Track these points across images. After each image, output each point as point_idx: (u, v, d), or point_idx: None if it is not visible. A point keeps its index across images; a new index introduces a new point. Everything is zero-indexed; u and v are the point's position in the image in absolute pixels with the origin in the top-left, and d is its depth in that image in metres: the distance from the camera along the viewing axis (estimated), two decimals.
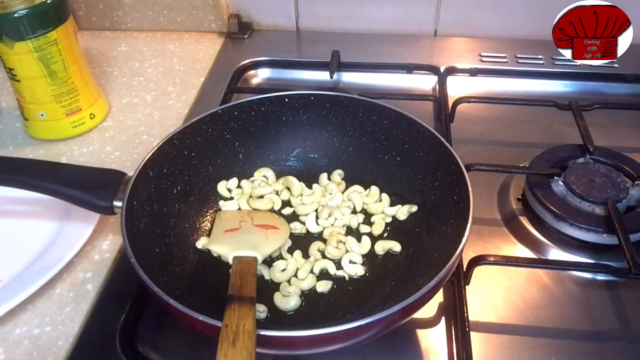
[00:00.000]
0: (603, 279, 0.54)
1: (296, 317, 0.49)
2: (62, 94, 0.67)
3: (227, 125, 0.60)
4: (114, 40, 0.91)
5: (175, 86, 0.80)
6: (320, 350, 0.41)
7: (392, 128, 0.59)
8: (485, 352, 0.48)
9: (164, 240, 0.52)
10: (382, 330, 0.43)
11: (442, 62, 0.83)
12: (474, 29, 0.89)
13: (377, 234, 0.56)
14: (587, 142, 0.64)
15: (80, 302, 0.51)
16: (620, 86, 0.80)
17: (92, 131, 0.72)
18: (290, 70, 0.85)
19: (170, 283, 0.48)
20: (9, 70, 0.65)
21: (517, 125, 0.74)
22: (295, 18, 0.92)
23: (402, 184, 0.58)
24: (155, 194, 0.53)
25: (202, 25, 0.92)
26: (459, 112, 0.73)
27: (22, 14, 0.59)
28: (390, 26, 0.90)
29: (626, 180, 0.59)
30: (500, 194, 0.64)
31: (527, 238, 0.58)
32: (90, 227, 0.55)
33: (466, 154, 0.66)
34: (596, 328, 0.50)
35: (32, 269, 0.52)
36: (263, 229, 0.53)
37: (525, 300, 0.52)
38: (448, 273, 0.43)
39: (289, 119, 0.62)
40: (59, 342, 0.48)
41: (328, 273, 0.52)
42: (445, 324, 0.50)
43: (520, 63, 0.83)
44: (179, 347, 0.49)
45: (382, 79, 0.82)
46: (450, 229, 0.49)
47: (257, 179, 0.61)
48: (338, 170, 0.62)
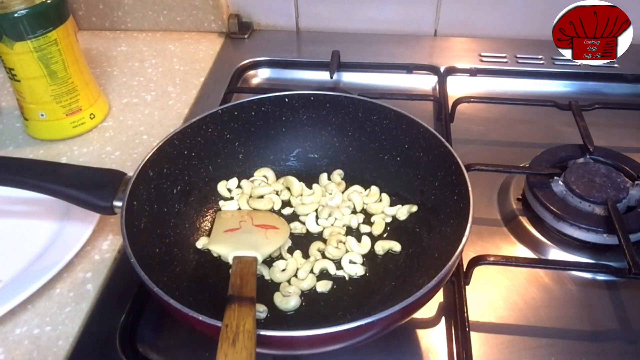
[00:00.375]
0: (603, 279, 0.54)
1: (296, 317, 0.49)
2: (62, 94, 0.67)
3: (227, 125, 0.60)
4: (114, 40, 0.91)
5: (175, 86, 0.80)
6: (320, 350, 0.41)
7: (392, 128, 0.59)
8: (485, 352, 0.48)
9: (164, 240, 0.52)
10: (382, 330, 0.43)
11: (442, 62, 0.83)
12: (474, 29, 0.89)
13: (377, 234, 0.56)
14: (587, 142, 0.64)
15: (80, 302, 0.51)
16: (620, 86, 0.80)
17: (92, 131, 0.72)
18: (290, 70, 0.85)
19: (170, 283, 0.48)
20: (9, 70, 0.65)
21: (517, 125, 0.74)
22: (295, 18, 0.92)
23: (402, 184, 0.58)
24: (155, 194, 0.53)
25: (202, 25, 0.92)
26: (459, 112, 0.73)
27: (22, 14, 0.59)
28: (390, 26, 0.90)
29: (626, 180, 0.59)
30: (500, 194, 0.64)
31: (527, 238, 0.58)
32: (90, 227, 0.55)
33: (466, 154, 0.66)
34: (596, 328, 0.50)
35: (32, 269, 0.52)
36: (263, 229, 0.53)
37: (525, 300, 0.52)
38: (448, 273, 0.43)
39: (289, 119, 0.62)
40: (59, 342, 0.48)
41: (328, 273, 0.52)
42: (445, 324, 0.50)
43: (520, 63, 0.83)
44: (179, 347, 0.49)
45: (382, 79, 0.82)
46: (450, 229, 0.49)
47: (257, 179, 0.61)
48: (338, 170, 0.62)
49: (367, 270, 0.53)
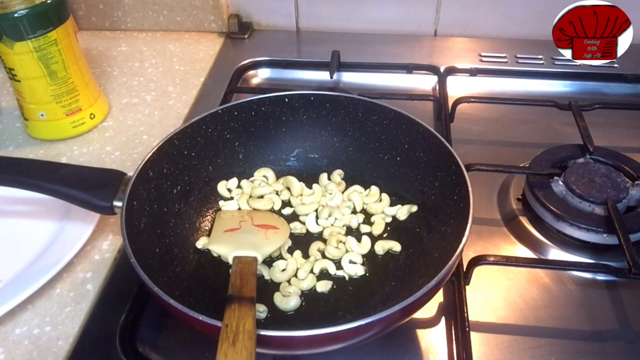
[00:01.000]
0: (603, 279, 0.54)
1: (296, 317, 0.49)
2: (62, 94, 0.67)
3: (227, 125, 0.60)
4: (114, 40, 0.91)
5: (175, 86, 0.80)
6: (320, 350, 0.41)
7: (392, 128, 0.59)
8: (485, 352, 0.48)
9: (164, 240, 0.52)
10: (382, 330, 0.43)
11: (442, 62, 0.83)
12: (474, 29, 0.89)
13: (377, 234, 0.56)
14: (587, 142, 0.64)
15: (80, 302, 0.51)
16: (620, 86, 0.80)
17: (92, 131, 0.72)
18: (290, 70, 0.85)
19: (170, 283, 0.48)
20: (9, 70, 0.65)
21: (517, 125, 0.74)
22: (295, 18, 0.92)
23: (402, 184, 0.58)
24: (155, 194, 0.53)
25: (202, 25, 0.92)
26: (459, 112, 0.73)
27: (22, 14, 0.59)
28: (390, 26, 0.90)
29: (626, 180, 0.59)
30: (500, 194, 0.64)
31: (527, 238, 0.58)
32: (90, 227, 0.55)
33: (466, 154, 0.66)
34: (596, 328, 0.50)
35: (32, 269, 0.52)
36: (263, 229, 0.53)
37: (525, 300, 0.52)
38: (448, 273, 0.43)
39: (289, 119, 0.62)
40: (59, 342, 0.48)
41: (328, 273, 0.52)
42: (445, 324, 0.50)
43: (520, 63, 0.83)
44: (179, 347, 0.49)
45: (382, 79, 0.82)
46: (450, 229, 0.49)
47: (257, 179, 0.61)
48: (338, 170, 0.62)
49: (367, 270, 0.53)
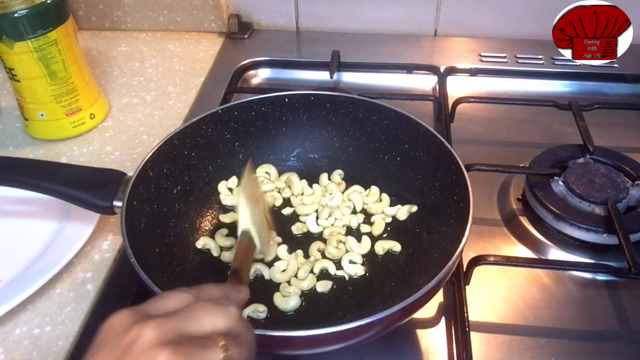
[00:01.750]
0: (603, 279, 0.54)
1: (296, 317, 0.49)
2: (62, 94, 0.67)
3: (227, 125, 0.60)
4: (114, 40, 0.91)
5: (175, 86, 0.80)
6: (320, 350, 0.41)
7: (392, 128, 0.59)
8: (485, 352, 0.48)
9: (164, 240, 0.52)
10: (382, 330, 0.43)
11: (442, 62, 0.83)
12: (474, 29, 0.89)
13: (377, 234, 0.56)
14: (587, 142, 0.64)
15: (80, 302, 0.51)
16: (620, 86, 0.80)
17: (92, 131, 0.72)
18: (290, 70, 0.85)
19: (170, 283, 0.48)
20: (9, 70, 0.65)
21: (517, 125, 0.74)
22: (295, 18, 0.92)
23: (402, 184, 0.58)
24: (155, 194, 0.53)
25: (202, 25, 0.92)
26: (459, 112, 0.73)
27: (22, 14, 0.59)
28: (390, 26, 0.90)
29: (626, 180, 0.59)
30: (500, 194, 0.64)
31: (527, 238, 0.58)
32: (90, 227, 0.55)
33: (466, 154, 0.66)
34: (596, 328, 0.50)
35: (32, 269, 0.52)
36: (268, 224, 0.52)
37: (525, 300, 0.52)
38: (448, 273, 0.43)
39: (289, 119, 0.62)
40: (59, 342, 0.48)
41: (328, 273, 0.52)
42: (445, 324, 0.50)
43: (520, 63, 0.83)
44: None
45: (382, 79, 0.82)
46: (450, 229, 0.49)
47: (260, 175, 0.61)
48: (338, 170, 0.62)
49: (367, 270, 0.53)
